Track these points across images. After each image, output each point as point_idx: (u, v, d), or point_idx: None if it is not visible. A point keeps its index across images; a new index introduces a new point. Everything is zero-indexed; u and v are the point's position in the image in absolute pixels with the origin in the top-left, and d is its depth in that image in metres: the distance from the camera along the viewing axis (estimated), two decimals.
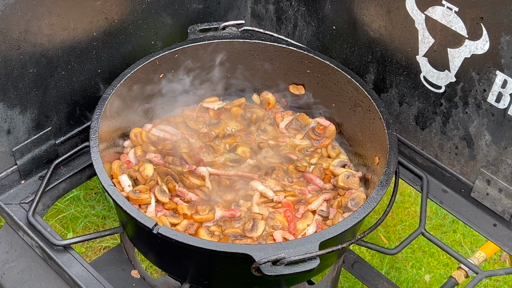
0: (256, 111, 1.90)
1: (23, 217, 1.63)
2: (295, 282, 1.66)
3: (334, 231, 1.41)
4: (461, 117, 1.70)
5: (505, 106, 1.58)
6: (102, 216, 2.81)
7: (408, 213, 2.96)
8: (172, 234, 1.37)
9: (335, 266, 1.87)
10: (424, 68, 1.71)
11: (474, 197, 1.78)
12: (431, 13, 1.61)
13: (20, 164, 1.68)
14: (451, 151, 1.78)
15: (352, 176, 1.72)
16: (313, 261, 1.35)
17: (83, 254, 2.65)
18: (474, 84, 1.62)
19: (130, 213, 1.40)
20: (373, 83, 1.87)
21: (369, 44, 1.81)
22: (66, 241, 1.58)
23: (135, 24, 1.77)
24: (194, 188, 1.66)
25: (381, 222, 1.56)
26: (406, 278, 2.70)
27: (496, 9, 1.48)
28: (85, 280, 1.53)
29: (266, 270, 1.33)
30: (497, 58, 1.54)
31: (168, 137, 1.79)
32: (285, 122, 1.88)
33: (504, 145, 1.64)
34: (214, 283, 1.58)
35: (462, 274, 1.77)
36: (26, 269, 1.66)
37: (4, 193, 1.69)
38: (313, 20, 1.91)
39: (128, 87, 1.70)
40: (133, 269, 1.79)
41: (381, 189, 1.51)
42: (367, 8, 1.76)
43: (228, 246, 1.39)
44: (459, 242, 2.86)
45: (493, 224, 1.78)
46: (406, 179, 1.86)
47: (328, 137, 1.85)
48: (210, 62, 1.84)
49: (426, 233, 1.71)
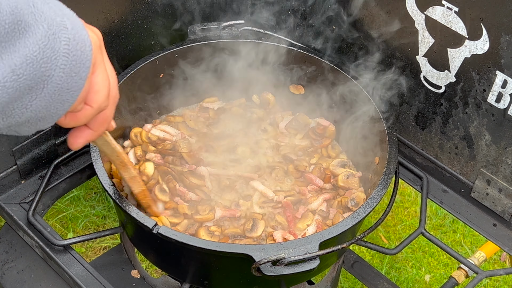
0: (256, 111, 1.90)
1: (23, 217, 1.63)
2: (295, 282, 1.66)
3: (334, 231, 1.41)
4: (461, 117, 1.70)
5: (505, 106, 1.58)
6: (102, 216, 2.81)
7: (408, 213, 2.96)
8: (172, 234, 1.37)
9: (335, 266, 1.87)
10: (424, 68, 1.71)
11: (474, 197, 1.78)
12: (431, 13, 1.61)
13: (20, 164, 1.68)
14: (451, 151, 1.78)
15: (352, 176, 1.72)
16: (313, 261, 1.35)
17: (83, 254, 2.65)
18: (474, 84, 1.62)
19: (130, 213, 1.40)
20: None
21: (369, 44, 1.81)
22: (66, 241, 1.58)
23: (135, 24, 1.77)
24: (194, 188, 1.66)
25: (381, 222, 1.56)
26: (406, 278, 2.70)
27: (496, 9, 1.48)
28: (85, 280, 1.53)
29: (266, 270, 1.33)
30: (497, 58, 1.54)
31: (168, 137, 1.78)
32: (285, 122, 1.88)
33: (504, 145, 1.64)
34: (214, 283, 1.58)
35: (462, 274, 1.77)
36: (26, 269, 1.66)
37: (4, 193, 1.69)
38: (313, 20, 1.91)
39: (128, 87, 1.70)
40: (133, 269, 1.79)
41: (381, 189, 1.51)
42: (367, 8, 1.77)
43: (228, 246, 1.39)
44: (459, 242, 2.86)
45: (493, 224, 1.78)
46: (406, 179, 1.86)
47: (328, 137, 1.85)
48: (210, 62, 1.84)
49: (426, 233, 1.71)
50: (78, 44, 0.89)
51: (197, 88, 1.88)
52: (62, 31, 0.87)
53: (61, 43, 0.87)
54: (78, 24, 0.91)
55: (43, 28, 0.85)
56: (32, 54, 0.83)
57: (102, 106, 1.00)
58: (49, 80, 0.86)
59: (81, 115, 0.99)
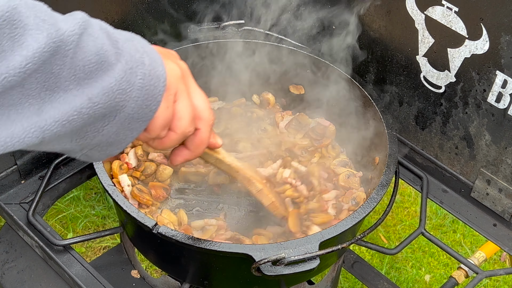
0: (256, 111, 1.90)
1: (23, 217, 1.63)
2: (295, 282, 1.66)
3: (334, 231, 1.41)
4: (461, 117, 1.70)
5: (505, 106, 1.58)
6: (102, 216, 2.81)
7: (408, 213, 2.96)
8: (172, 234, 1.37)
9: (335, 266, 1.87)
10: (424, 68, 1.71)
11: (474, 197, 1.78)
12: (431, 13, 1.61)
13: (20, 164, 1.68)
14: (451, 151, 1.78)
15: (353, 176, 1.72)
16: (313, 261, 1.35)
17: (83, 254, 2.65)
18: (474, 84, 1.62)
19: (130, 213, 1.40)
20: (373, 83, 1.87)
21: (369, 44, 1.81)
22: (66, 241, 1.58)
23: (135, 24, 1.77)
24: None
25: (381, 222, 1.56)
26: (406, 278, 2.70)
27: (496, 9, 1.48)
28: (85, 280, 1.53)
29: (266, 270, 1.33)
30: (497, 58, 1.54)
31: None
32: (285, 122, 1.88)
33: (504, 145, 1.64)
34: (214, 283, 1.58)
35: (462, 274, 1.77)
36: (26, 269, 1.66)
37: (4, 193, 1.69)
38: (313, 20, 1.91)
39: None
40: (133, 269, 1.79)
41: (381, 189, 1.51)
42: (367, 8, 1.77)
43: (228, 246, 1.39)
44: (459, 242, 2.86)
45: (493, 224, 1.78)
46: (406, 179, 1.86)
47: (328, 137, 1.85)
48: (210, 62, 1.84)
49: (426, 233, 1.71)
50: (152, 79, 0.97)
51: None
52: (139, 67, 0.95)
53: (137, 78, 0.94)
54: (156, 60, 0.99)
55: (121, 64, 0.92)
56: (108, 85, 0.90)
57: (186, 132, 1.09)
58: (122, 110, 0.93)
59: (166, 140, 1.09)
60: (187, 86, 1.09)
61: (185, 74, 1.10)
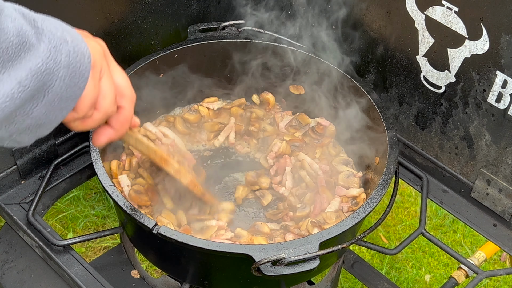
0: (256, 111, 1.90)
1: (23, 217, 1.63)
2: (295, 282, 1.66)
3: (334, 231, 1.41)
4: (461, 117, 1.70)
5: (505, 106, 1.58)
6: (102, 216, 2.81)
7: (408, 213, 2.96)
8: (172, 234, 1.37)
9: (335, 266, 1.86)
10: (424, 68, 1.71)
11: (474, 197, 1.78)
12: (431, 13, 1.61)
13: (20, 164, 1.68)
14: (451, 151, 1.78)
15: (353, 176, 1.72)
16: (313, 261, 1.35)
17: (83, 254, 2.65)
18: (474, 84, 1.62)
19: (130, 213, 1.40)
20: (373, 83, 1.87)
21: (369, 44, 1.81)
22: (66, 241, 1.58)
23: (135, 24, 1.77)
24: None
25: (381, 222, 1.56)
26: (406, 278, 2.70)
27: (496, 9, 1.48)
28: (85, 280, 1.53)
29: (266, 270, 1.33)
30: (497, 58, 1.54)
31: (161, 137, 1.77)
32: (285, 122, 1.88)
33: (504, 145, 1.64)
34: (214, 283, 1.58)
35: (462, 274, 1.77)
36: (26, 269, 1.66)
37: (4, 193, 1.69)
38: (312, 20, 1.91)
39: None
40: (133, 269, 1.79)
41: (381, 189, 1.51)
42: (367, 8, 1.77)
43: (228, 246, 1.39)
44: (459, 242, 2.86)
45: (493, 224, 1.78)
46: (406, 179, 1.86)
47: (328, 136, 1.85)
48: (210, 62, 1.84)
49: (426, 233, 1.71)
50: (77, 56, 0.95)
51: (197, 88, 1.88)
52: (62, 45, 0.93)
53: (62, 56, 0.93)
54: (77, 37, 0.97)
55: (44, 43, 0.90)
56: (35, 66, 0.89)
57: (110, 111, 1.07)
58: (50, 90, 0.92)
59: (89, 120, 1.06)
60: (108, 64, 1.09)
61: (105, 52, 1.09)
